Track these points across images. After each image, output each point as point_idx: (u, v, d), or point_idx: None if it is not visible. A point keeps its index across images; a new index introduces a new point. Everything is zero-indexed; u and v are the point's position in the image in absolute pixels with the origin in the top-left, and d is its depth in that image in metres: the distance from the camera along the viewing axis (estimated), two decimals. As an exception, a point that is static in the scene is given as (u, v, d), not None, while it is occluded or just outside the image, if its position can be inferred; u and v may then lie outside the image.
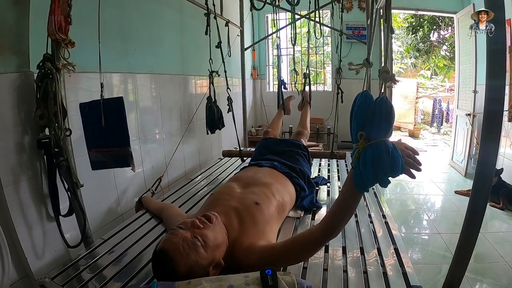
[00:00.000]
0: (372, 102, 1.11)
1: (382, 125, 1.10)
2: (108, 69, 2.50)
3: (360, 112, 1.13)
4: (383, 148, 1.07)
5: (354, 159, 1.14)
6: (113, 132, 2.09)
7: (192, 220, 1.38)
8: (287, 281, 1.12)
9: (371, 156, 1.08)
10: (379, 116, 1.09)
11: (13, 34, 1.73)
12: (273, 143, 2.79)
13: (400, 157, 1.09)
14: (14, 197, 1.71)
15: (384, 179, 1.10)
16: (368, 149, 1.09)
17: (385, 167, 1.07)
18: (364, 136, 1.10)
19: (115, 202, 2.66)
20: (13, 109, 1.71)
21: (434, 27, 10.77)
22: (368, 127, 1.10)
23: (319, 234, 1.31)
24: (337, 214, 1.28)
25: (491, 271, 2.87)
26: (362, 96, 1.14)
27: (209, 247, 1.32)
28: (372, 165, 1.08)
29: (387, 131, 1.11)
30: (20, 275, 1.77)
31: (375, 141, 1.09)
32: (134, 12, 2.91)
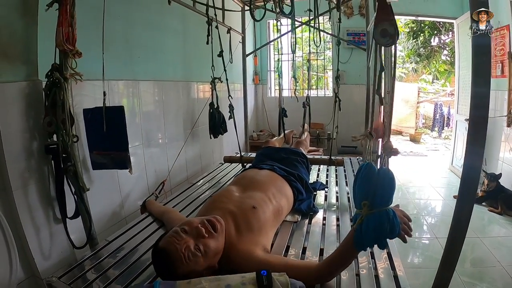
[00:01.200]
0: (375, 173, 1.23)
1: (385, 194, 1.21)
2: (113, 76, 2.56)
3: (364, 183, 1.25)
4: (385, 217, 1.19)
5: (357, 224, 1.24)
6: (114, 137, 2.20)
7: (197, 227, 1.41)
8: (281, 282, 1.19)
9: (373, 224, 1.20)
10: (381, 187, 1.21)
11: (22, 44, 1.80)
12: (272, 151, 2.83)
13: (398, 224, 1.21)
14: (23, 200, 1.78)
15: (382, 243, 1.22)
16: (371, 217, 1.21)
17: (385, 233, 1.19)
18: (368, 205, 1.21)
19: (119, 206, 2.71)
20: (22, 116, 1.78)
21: (435, 32, 10.77)
22: (371, 196, 1.22)
23: (314, 273, 1.41)
24: (334, 264, 1.40)
25: (488, 276, 2.88)
26: (366, 167, 1.27)
27: (209, 256, 1.38)
28: (373, 232, 1.19)
29: (389, 200, 1.23)
30: (27, 274, 1.83)
31: (378, 210, 1.20)
32: (139, 22, 2.98)
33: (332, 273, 1.42)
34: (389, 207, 1.22)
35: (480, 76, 1.36)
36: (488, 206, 4.30)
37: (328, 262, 1.41)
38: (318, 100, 6.39)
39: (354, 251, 1.31)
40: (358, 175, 1.29)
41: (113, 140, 2.23)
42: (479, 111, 1.37)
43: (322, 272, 1.41)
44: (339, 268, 1.41)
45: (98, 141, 2.27)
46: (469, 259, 3.11)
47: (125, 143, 2.22)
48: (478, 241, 3.42)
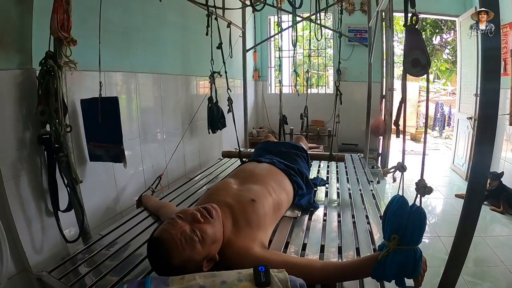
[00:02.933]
0: (407, 209, 1.22)
1: (415, 233, 1.19)
2: (110, 68, 2.52)
3: (396, 216, 1.22)
4: (412, 256, 1.17)
5: (383, 256, 1.21)
6: (108, 129, 2.19)
7: (193, 212, 1.37)
8: (280, 278, 1.13)
9: (399, 260, 1.18)
10: (413, 224, 1.19)
11: (16, 31, 1.76)
12: (272, 145, 2.80)
13: (420, 266, 1.20)
14: (14, 192, 1.74)
15: (402, 281, 1.21)
16: (398, 252, 1.18)
17: (407, 272, 1.18)
18: (397, 239, 1.19)
19: (114, 200, 2.67)
20: (14, 105, 1.74)
21: (437, 30, 10.76)
22: (401, 231, 1.19)
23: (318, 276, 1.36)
24: (343, 274, 1.36)
25: (490, 275, 2.86)
26: (399, 201, 1.25)
27: (206, 242, 1.31)
28: (397, 268, 1.18)
29: (419, 239, 1.20)
30: (18, 269, 1.79)
31: (407, 247, 1.18)
32: (137, 12, 2.93)
33: (336, 280, 1.39)
34: (418, 247, 1.20)
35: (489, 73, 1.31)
36: (490, 205, 4.27)
37: (338, 269, 1.37)
38: (319, 97, 6.37)
39: (368, 274, 1.28)
40: (390, 207, 1.27)
41: (107, 132, 2.22)
42: (488, 109, 1.33)
43: (328, 275, 1.36)
44: (345, 279, 1.39)
45: (94, 133, 2.26)
46: (472, 258, 3.08)
47: (119, 135, 2.20)
48: (481, 240, 3.39)
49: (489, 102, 1.31)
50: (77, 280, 1.45)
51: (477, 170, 1.37)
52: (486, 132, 1.32)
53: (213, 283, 1.11)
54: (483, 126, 1.33)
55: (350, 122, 5.54)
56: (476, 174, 1.37)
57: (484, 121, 1.33)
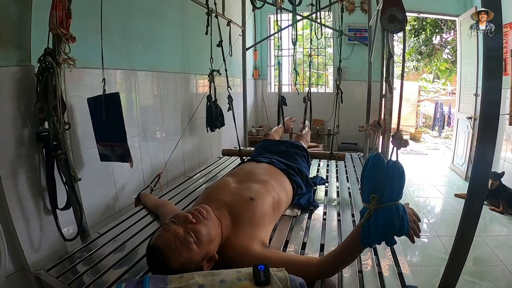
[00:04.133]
0: (384, 166, 1.17)
1: (394, 188, 1.16)
2: (109, 65, 2.50)
3: (373, 175, 1.20)
4: (395, 213, 1.13)
5: (365, 219, 1.18)
6: (112, 128, 2.17)
7: (185, 214, 1.36)
8: (279, 277, 1.13)
9: (382, 219, 1.14)
10: (391, 180, 1.16)
11: (15, 28, 1.74)
12: (272, 144, 2.78)
13: (408, 221, 1.16)
14: (12, 190, 1.72)
15: (391, 240, 1.17)
16: (380, 212, 1.15)
17: (394, 230, 1.14)
18: (376, 199, 1.16)
19: (113, 198, 2.66)
20: (13, 102, 1.73)
21: (437, 30, 10.76)
22: (380, 190, 1.17)
23: (315, 271, 1.35)
24: (338, 260, 1.33)
25: (490, 275, 2.86)
26: (374, 159, 1.21)
27: (202, 242, 1.31)
28: (382, 227, 1.14)
29: (399, 195, 1.17)
30: (16, 267, 1.78)
31: (388, 204, 1.15)
32: (136, 10, 2.92)
33: (334, 270, 1.37)
34: (399, 203, 1.16)
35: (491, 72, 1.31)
36: (489, 205, 4.28)
37: (331, 258, 1.34)
38: (319, 96, 6.36)
39: (360, 247, 1.25)
40: (366, 167, 1.23)
41: (112, 131, 2.20)
42: (490, 108, 1.32)
43: (324, 268, 1.34)
44: (343, 264, 1.35)
45: (101, 132, 2.25)
46: (471, 258, 3.07)
47: (123, 133, 2.17)
48: (480, 240, 3.39)
49: (491, 101, 1.31)
50: (75, 278, 1.45)
51: (478, 169, 1.36)
52: (488, 131, 1.31)
53: (212, 282, 1.10)
54: (485, 124, 1.32)
55: (350, 121, 5.52)
56: (478, 173, 1.36)
57: (485, 119, 1.32)
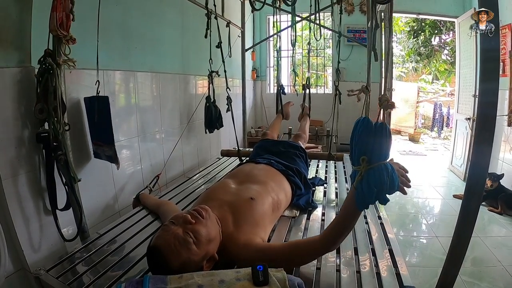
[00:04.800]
0: (372, 128, 1.20)
1: (382, 148, 1.19)
2: (109, 66, 2.52)
3: (361, 137, 1.21)
4: (384, 171, 1.16)
5: (357, 181, 1.21)
6: (102, 129, 2.23)
7: (184, 215, 1.37)
8: (278, 278, 1.13)
9: (373, 179, 1.16)
10: (379, 141, 1.18)
11: (15, 29, 1.75)
12: (270, 144, 2.79)
13: (397, 177, 1.19)
14: (12, 190, 1.73)
15: (384, 198, 1.19)
16: (370, 172, 1.18)
17: (386, 188, 1.17)
18: (366, 160, 1.18)
19: (113, 199, 2.66)
20: (13, 103, 1.74)
21: (436, 31, 10.78)
22: (369, 151, 1.19)
23: (319, 245, 1.39)
24: (338, 229, 1.36)
25: (488, 275, 2.86)
26: (362, 122, 1.22)
27: (201, 242, 1.31)
28: (374, 187, 1.16)
29: (387, 154, 1.20)
30: (16, 267, 1.78)
31: (377, 164, 1.17)
32: (136, 11, 2.93)
33: (336, 240, 1.39)
34: (387, 161, 1.20)
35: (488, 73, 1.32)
36: (488, 206, 4.28)
37: (332, 229, 1.38)
38: (318, 97, 6.35)
39: (357, 211, 1.29)
40: (355, 130, 1.25)
41: (102, 132, 2.26)
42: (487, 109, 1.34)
43: (327, 240, 1.38)
44: (344, 232, 1.37)
45: (94, 131, 2.30)
46: (470, 258, 3.08)
47: (110, 136, 2.23)
48: (479, 241, 3.40)
49: (488, 103, 1.32)
50: (75, 278, 1.45)
51: (475, 170, 1.37)
52: (485, 133, 1.32)
53: (211, 282, 1.11)
54: (482, 126, 1.33)
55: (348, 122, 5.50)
56: (475, 174, 1.37)
57: (483, 121, 1.33)
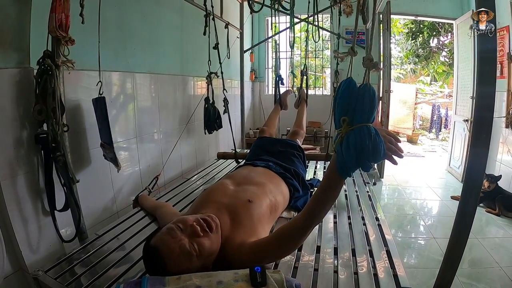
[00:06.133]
0: (355, 88, 1.12)
1: (365, 110, 1.10)
2: (108, 67, 2.51)
3: (343, 98, 1.13)
4: (366, 133, 1.07)
5: (337, 143, 1.14)
6: (104, 129, 2.23)
7: (193, 225, 1.34)
8: (276, 279, 1.14)
9: (353, 141, 1.08)
10: (362, 102, 1.10)
11: (14, 30, 1.75)
12: (268, 143, 2.79)
13: (382, 142, 1.09)
14: (11, 191, 1.73)
15: (366, 164, 1.10)
16: (351, 134, 1.09)
17: (367, 152, 1.07)
18: (347, 121, 1.11)
19: (111, 200, 2.66)
20: (12, 104, 1.73)
21: (434, 33, 10.81)
22: (351, 112, 1.11)
23: (302, 221, 1.32)
24: (320, 199, 1.29)
25: (486, 277, 2.87)
26: (346, 82, 1.14)
27: (203, 256, 1.31)
28: (354, 150, 1.08)
29: (370, 116, 1.11)
30: (14, 268, 1.78)
31: (358, 125, 1.09)
32: (134, 12, 2.93)
33: (321, 211, 1.31)
34: (371, 125, 1.11)
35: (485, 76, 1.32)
36: (485, 207, 4.30)
37: (314, 200, 1.31)
38: (316, 99, 6.37)
39: (339, 178, 1.19)
40: (338, 92, 1.17)
41: (104, 132, 2.25)
42: (483, 112, 1.33)
43: (311, 213, 1.30)
44: (327, 203, 1.29)
45: (101, 132, 2.30)
46: (467, 260, 3.09)
47: (109, 137, 2.22)
48: (476, 242, 3.41)
49: (485, 105, 1.32)
50: (73, 279, 1.45)
51: (472, 172, 1.37)
52: (482, 135, 1.32)
53: (209, 283, 1.11)
54: (479, 128, 1.34)
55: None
56: (471, 176, 1.38)
57: (479, 123, 1.34)
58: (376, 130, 1.10)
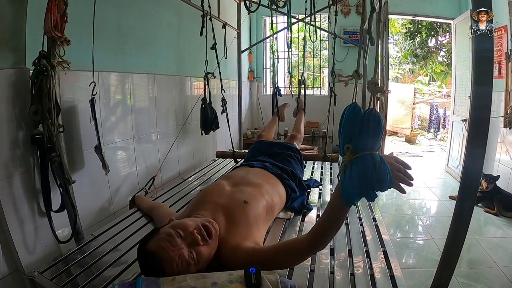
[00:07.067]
0: (360, 114, 1.09)
1: (370, 137, 1.08)
2: (104, 68, 2.51)
3: (348, 124, 1.11)
4: (370, 162, 1.05)
5: (341, 171, 1.12)
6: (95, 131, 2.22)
7: (194, 234, 1.33)
8: (270, 280, 1.13)
9: (356, 170, 1.06)
10: (366, 128, 1.08)
11: (10, 31, 1.75)
12: (265, 146, 2.79)
13: (388, 170, 1.06)
14: (7, 192, 1.73)
15: (370, 193, 1.07)
16: (354, 162, 1.07)
17: (371, 181, 1.05)
18: (351, 149, 1.09)
19: (108, 201, 2.65)
20: (8, 105, 1.73)
21: (432, 33, 10.82)
22: (355, 139, 1.09)
23: (306, 244, 1.31)
24: (324, 226, 1.27)
25: (484, 277, 2.87)
26: (350, 108, 1.12)
27: (200, 263, 1.32)
28: (357, 179, 1.06)
29: (375, 144, 1.09)
30: (10, 269, 1.78)
31: (362, 154, 1.07)
32: (131, 12, 2.92)
33: (323, 239, 1.29)
34: (376, 152, 1.08)
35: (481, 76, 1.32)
36: (484, 207, 4.30)
37: (318, 227, 1.29)
38: (314, 99, 6.37)
39: (343, 207, 1.16)
40: (343, 118, 1.14)
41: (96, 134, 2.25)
42: (480, 112, 1.33)
43: (314, 239, 1.29)
44: (331, 230, 1.26)
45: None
46: (466, 260, 3.09)
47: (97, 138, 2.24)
48: (475, 242, 3.41)
49: (481, 105, 1.32)
50: (69, 280, 1.45)
51: (469, 172, 1.37)
52: (478, 135, 1.32)
53: (204, 284, 1.10)
54: (475, 129, 1.33)
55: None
56: (468, 176, 1.38)
57: (476, 124, 1.34)
58: (382, 157, 1.07)
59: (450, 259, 1.45)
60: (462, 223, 1.40)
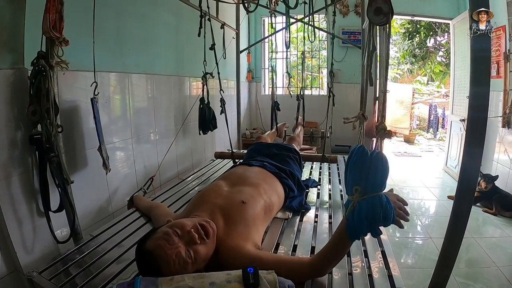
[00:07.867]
0: (367, 157, 1.17)
1: (378, 179, 1.16)
2: (103, 68, 2.51)
3: (356, 167, 1.19)
4: (377, 203, 1.13)
5: (349, 211, 1.18)
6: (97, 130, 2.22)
7: (191, 232, 1.33)
8: (268, 280, 1.13)
9: (365, 210, 1.14)
10: (374, 171, 1.15)
11: (8, 31, 1.76)
12: (264, 147, 2.79)
13: (392, 209, 1.15)
14: (5, 192, 1.73)
15: (376, 230, 1.16)
16: (363, 203, 1.15)
17: (378, 220, 1.13)
18: (360, 190, 1.16)
19: (106, 201, 2.66)
20: (6, 105, 1.74)
21: (431, 33, 10.82)
22: (363, 181, 1.16)
23: (307, 269, 1.35)
24: (328, 257, 1.33)
25: (483, 276, 2.87)
26: (358, 151, 1.20)
27: (198, 263, 1.31)
28: (366, 219, 1.13)
29: (382, 185, 1.17)
30: (9, 269, 1.78)
31: (370, 195, 1.14)
32: (130, 13, 2.92)
33: (325, 267, 1.36)
34: (382, 193, 1.16)
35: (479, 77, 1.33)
36: (482, 207, 4.30)
37: (322, 256, 1.34)
38: (312, 99, 6.37)
39: (348, 241, 1.24)
40: (350, 159, 1.23)
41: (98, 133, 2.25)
42: (478, 112, 1.35)
43: (316, 266, 1.34)
44: (333, 261, 1.35)
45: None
46: (464, 259, 3.09)
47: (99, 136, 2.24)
48: (473, 242, 3.41)
49: (479, 105, 1.32)
50: (68, 280, 1.44)
51: (466, 172, 1.37)
52: (476, 134, 1.32)
53: (202, 284, 1.10)
54: (473, 129, 1.34)
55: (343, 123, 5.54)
56: (466, 176, 1.38)
57: (473, 124, 1.34)
58: (388, 198, 1.16)
59: (448, 259, 1.45)
60: (460, 222, 1.40)
